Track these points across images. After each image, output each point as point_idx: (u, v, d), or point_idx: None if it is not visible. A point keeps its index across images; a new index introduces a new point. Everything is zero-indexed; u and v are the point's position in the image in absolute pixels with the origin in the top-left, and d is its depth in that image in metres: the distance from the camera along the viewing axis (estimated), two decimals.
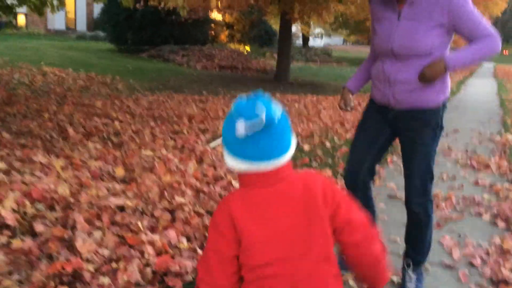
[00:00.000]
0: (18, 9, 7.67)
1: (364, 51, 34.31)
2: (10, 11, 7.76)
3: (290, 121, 1.27)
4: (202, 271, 1.25)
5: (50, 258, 2.14)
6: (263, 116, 1.16)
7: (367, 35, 28.04)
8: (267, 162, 1.19)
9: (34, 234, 2.29)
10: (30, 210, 2.38)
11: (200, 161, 4.45)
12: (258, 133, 1.16)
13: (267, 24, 23.47)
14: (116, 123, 5.76)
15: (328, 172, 4.38)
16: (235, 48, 19.79)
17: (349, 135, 6.21)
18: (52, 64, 11.54)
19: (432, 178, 2.23)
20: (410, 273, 2.36)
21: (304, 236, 1.21)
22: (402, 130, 2.25)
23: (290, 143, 1.24)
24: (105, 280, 2.08)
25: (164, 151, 4.59)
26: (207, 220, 2.91)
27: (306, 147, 5.42)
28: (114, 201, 2.62)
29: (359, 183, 2.35)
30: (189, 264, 2.37)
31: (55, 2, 8.00)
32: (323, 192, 1.24)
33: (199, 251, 2.52)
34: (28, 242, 2.20)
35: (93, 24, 30.72)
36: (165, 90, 9.68)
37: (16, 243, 2.17)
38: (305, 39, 30.82)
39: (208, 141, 5.35)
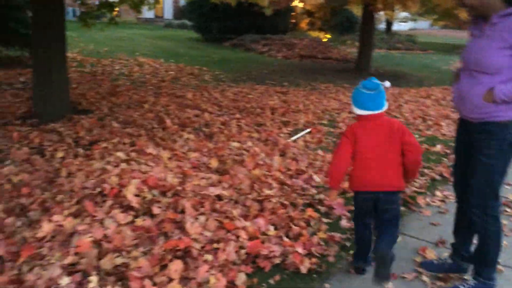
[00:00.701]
0: None
1: (452, 36, 32.46)
2: (111, 9, 8.61)
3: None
4: (334, 157, 2.57)
5: (166, 236, 2.63)
6: (382, 84, 2.50)
7: (455, 21, 26.37)
8: (375, 111, 2.44)
9: (152, 215, 2.79)
10: (148, 195, 2.89)
11: (282, 154, 4.82)
12: (375, 94, 2.43)
13: (348, 11, 23.08)
14: (206, 114, 6.30)
15: None
16: (315, 37, 19.81)
17: (430, 132, 6.23)
18: (146, 55, 12.51)
19: (495, 196, 2.31)
20: (471, 282, 2.48)
21: (386, 145, 2.45)
22: (472, 144, 2.38)
23: (384, 104, 2.49)
24: (209, 257, 2.52)
25: (249, 143, 5.02)
26: (291, 211, 3.27)
27: None
28: (213, 191, 3.06)
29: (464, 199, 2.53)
30: (276, 249, 2.74)
31: (151, 0, 8.75)
32: (397, 127, 2.47)
33: (285, 239, 2.88)
34: (148, 222, 2.70)
35: (179, 12, 32.18)
36: (248, 81, 10.15)
37: (139, 222, 2.68)
38: (389, 24, 29.81)
39: (290, 135, 5.69)
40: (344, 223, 3.35)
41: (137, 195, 2.88)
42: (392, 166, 2.46)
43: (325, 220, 3.32)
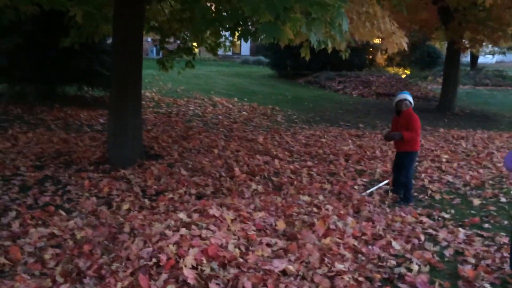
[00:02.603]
0: None
1: None
2: (190, 52, 8.83)
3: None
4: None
5: None
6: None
7: None
8: None
9: None
10: (206, 268, 2.64)
11: (357, 211, 4.40)
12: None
13: (430, 46, 22.13)
14: (276, 161, 6.05)
15: (503, 239, 3.88)
16: (393, 73, 19.10)
17: None
18: (221, 94, 12.69)
19: None
20: None
21: None
22: None
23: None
24: None
25: (321, 197, 4.66)
26: None
27: (476, 201, 4.92)
28: (278, 265, 2.75)
29: None
30: None
31: (227, 43, 8.85)
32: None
33: None
34: None
35: (255, 49, 32.93)
36: (322, 122, 9.83)
37: None
38: (474, 58, 28.09)
39: (366, 188, 5.25)
40: None
41: (194, 267, 2.64)
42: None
43: None
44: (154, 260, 2.68)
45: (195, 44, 8.67)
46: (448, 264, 3.48)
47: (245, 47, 33.97)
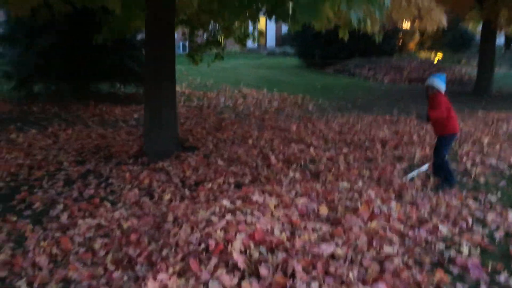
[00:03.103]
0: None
1: None
2: (219, 44, 8.84)
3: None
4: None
5: None
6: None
7: None
8: None
9: (258, 276, 2.53)
10: (254, 252, 2.64)
11: (398, 196, 4.31)
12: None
13: (462, 28, 21.41)
14: (311, 149, 6.00)
15: None
16: (425, 58, 18.61)
17: None
18: (249, 85, 12.69)
19: None
20: None
21: None
22: None
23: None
24: None
25: (360, 183, 4.59)
26: (417, 273, 2.79)
27: None
28: (325, 248, 2.72)
29: None
30: None
31: (256, 34, 8.81)
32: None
33: None
34: (254, 285, 2.44)
35: (281, 40, 32.73)
36: (354, 109, 9.69)
37: (245, 285, 2.43)
38: (508, 40, 27.05)
39: (406, 173, 5.14)
40: None
41: (243, 252, 2.65)
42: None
43: (460, 285, 2.78)
44: (203, 245, 2.71)
45: (223, 36, 8.68)
46: (499, 246, 3.38)
47: (271, 39, 33.81)
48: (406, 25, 19.68)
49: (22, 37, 9.26)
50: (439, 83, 4.73)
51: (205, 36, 8.68)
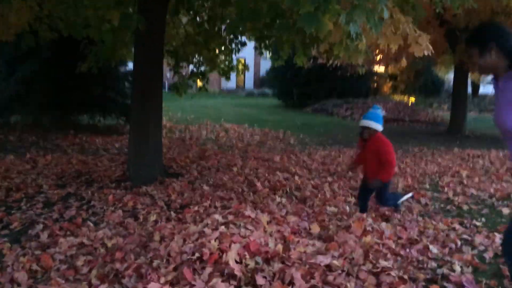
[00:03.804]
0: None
1: None
2: (204, 76, 8.94)
3: None
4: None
5: None
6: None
7: None
8: None
9: (255, 286, 2.44)
10: (250, 262, 2.56)
11: (386, 220, 4.32)
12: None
13: (432, 73, 22.39)
14: (296, 177, 6.00)
15: None
16: (399, 100, 19.24)
17: None
18: (230, 121, 12.77)
19: None
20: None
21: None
22: None
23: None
24: None
25: (347, 208, 4.59)
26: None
27: (505, 210, 4.83)
28: (322, 260, 2.67)
29: None
30: None
31: (240, 67, 8.98)
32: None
33: None
34: None
35: (259, 82, 33.40)
36: (335, 144, 9.81)
37: None
38: (475, 87, 28.32)
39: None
40: None
41: (238, 262, 2.57)
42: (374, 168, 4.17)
43: None
44: (197, 254, 2.61)
45: (208, 68, 8.78)
46: (490, 265, 3.38)
47: (249, 80, 34.45)
48: (380, 68, 20.44)
49: (3, 64, 9.16)
50: (377, 121, 4.10)
51: (190, 68, 8.77)
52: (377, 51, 11.94)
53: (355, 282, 2.67)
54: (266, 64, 34.25)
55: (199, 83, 8.82)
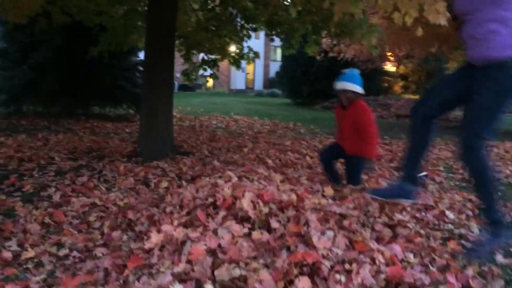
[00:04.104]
0: (207, 73, 8.77)
1: None
2: (215, 64, 8.93)
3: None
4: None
5: (288, 250, 2.21)
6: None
7: None
8: None
9: (269, 230, 2.40)
10: (264, 209, 2.53)
11: None
12: None
13: (443, 73, 22.18)
14: (308, 158, 5.95)
15: None
16: (411, 97, 19.09)
17: None
18: (240, 114, 12.75)
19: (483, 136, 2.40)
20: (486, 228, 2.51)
21: None
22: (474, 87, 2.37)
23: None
24: (342, 277, 2.04)
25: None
26: (431, 242, 2.69)
27: None
28: (337, 209, 2.62)
29: (419, 114, 2.67)
30: (423, 277, 2.18)
31: (250, 55, 8.96)
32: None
33: (432, 268, 2.32)
34: (265, 235, 2.31)
35: (268, 82, 33.42)
36: None
37: (256, 234, 2.30)
38: None
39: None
40: (499, 258, 2.67)
41: (252, 208, 2.53)
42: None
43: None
44: (210, 200, 2.58)
45: (219, 56, 8.78)
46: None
47: (259, 82, 34.49)
48: (391, 68, 20.35)
49: (16, 51, 9.24)
50: (355, 82, 3.53)
51: (200, 56, 8.78)
52: (388, 47, 11.88)
53: (371, 232, 2.62)
54: (275, 65, 34.29)
55: (209, 84, 8.86)
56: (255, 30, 8.08)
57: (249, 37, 8.27)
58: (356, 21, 5.29)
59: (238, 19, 8.06)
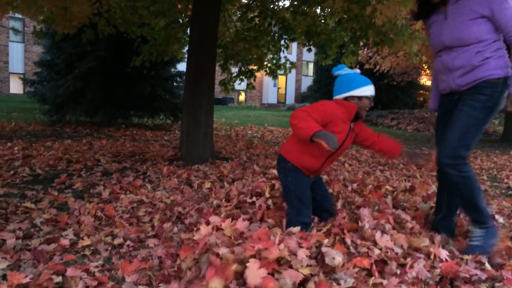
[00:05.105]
0: (239, 87, 8.87)
1: None
2: (252, 74, 9.06)
3: None
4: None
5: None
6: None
7: None
8: None
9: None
10: None
11: None
12: None
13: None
14: (346, 165, 5.92)
15: None
16: None
17: None
18: (274, 126, 12.81)
19: (466, 147, 2.38)
20: (475, 229, 2.48)
21: None
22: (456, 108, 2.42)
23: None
24: (397, 270, 2.03)
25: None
26: None
27: None
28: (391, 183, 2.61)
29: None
30: (479, 273, 2.14)
31: (287, 65, 9.05)
32: None
33: (487, 265, 2.27)
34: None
35: (300, 97, 33.47)
36: None
37: None
38: None
39: None
40: None
41: None
42: None
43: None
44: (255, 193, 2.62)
45: (255, 66, 8.89)
46: None
47: (290, 96, 34.58)
48: (427, 82, 20.02)
49: (62, 62, 9.65)
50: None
51: (238, 66, 8.91)
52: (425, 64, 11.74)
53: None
54: (306, 80, 34.35)
55: (241, 98, 8.97)
56: (293, 40, 8.16)
57: (287, 48, 8.36)
58: (397, 28, 5.28)
59: (276, 29, 8.17)
